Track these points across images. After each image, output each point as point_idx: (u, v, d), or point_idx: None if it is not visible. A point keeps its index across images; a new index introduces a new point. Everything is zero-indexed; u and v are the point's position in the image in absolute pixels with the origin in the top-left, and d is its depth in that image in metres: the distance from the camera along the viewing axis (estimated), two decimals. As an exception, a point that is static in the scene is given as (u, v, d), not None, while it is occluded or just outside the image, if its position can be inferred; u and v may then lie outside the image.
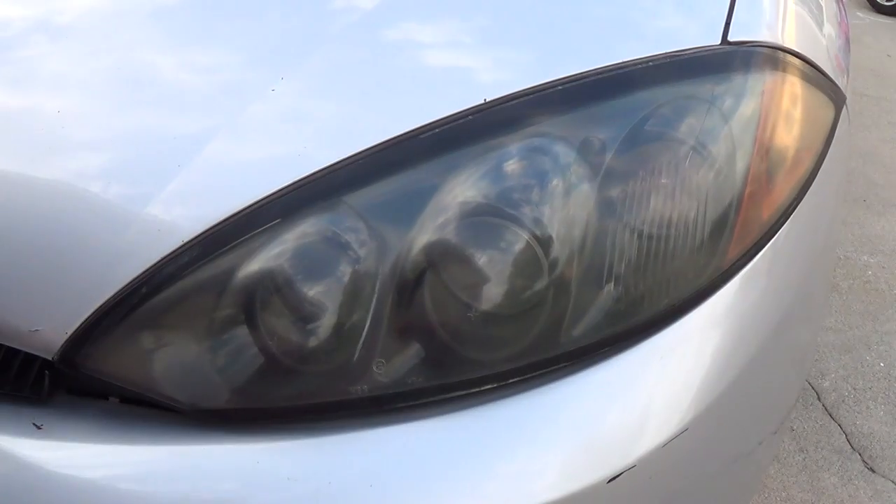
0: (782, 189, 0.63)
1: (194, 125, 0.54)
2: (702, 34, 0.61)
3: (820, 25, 0.83)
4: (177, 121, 0.55)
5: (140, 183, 0.52)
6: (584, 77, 0.56)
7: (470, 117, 0.53)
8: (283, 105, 0.54)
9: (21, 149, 0.54)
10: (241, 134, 0.53)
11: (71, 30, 0.61)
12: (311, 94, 0.56)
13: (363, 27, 0.60)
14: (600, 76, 0.56)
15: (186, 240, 0.50)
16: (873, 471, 1.46)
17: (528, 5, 0.63)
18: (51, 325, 0.51)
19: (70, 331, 0.50)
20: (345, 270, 0.51)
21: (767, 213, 0.61)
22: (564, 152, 0.54)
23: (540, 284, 0.52)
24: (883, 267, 2.15)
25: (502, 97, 0.54)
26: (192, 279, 0.50)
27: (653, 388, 0.53)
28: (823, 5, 0.91)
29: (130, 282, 0.49)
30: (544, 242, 0.52)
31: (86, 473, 0.50)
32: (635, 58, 0.57)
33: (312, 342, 0.51)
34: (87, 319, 0.50)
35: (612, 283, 0.53)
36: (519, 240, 0.52)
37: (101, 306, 0.50)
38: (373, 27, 0.60)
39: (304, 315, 0.51)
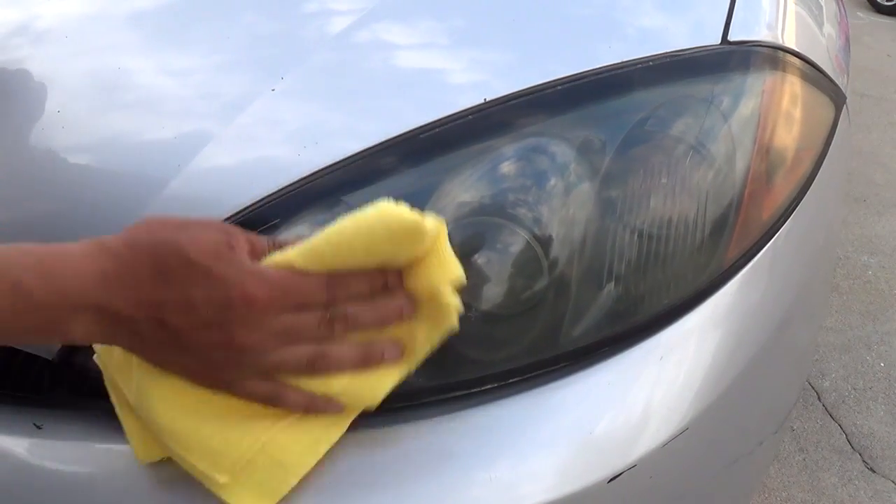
0: (782, 189, 0.63)
1: (193, 126, 0.54)
2: (701, 34, 0.61)
3: (820, 25, 0.83)
4: (176, 122, 0.55)
5: (140, 183, 0.52)
6: (584, 77, 0.56)
7: (469, 117, 0.53)
8: (283, 106, 0.54)
9: (17, 150, 0.54)
10: (240, 135, 0.53)
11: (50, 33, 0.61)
12: (310, 96, 0.56)
13: (362, 29, 0.60)
14: (600, 76, 0.56)
15: (186, 240, 0.50)
16: (873, 471, 1.46)
17: (531, 7, 0.63)
18: (51, 326, 0.51)
19: (70, 331, 0.50)
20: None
21: (767, 212, 0.61)
22: (564, 152, 0.54)
23: (540, 284, 0.52)
24: (883, 267, 2.15)
25: (502, 97, 0.54)
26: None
27: (653, 387, 0.53)
28: (823, 5, 0.91)
29: (130, 282, 0.49)
30: (544, 242, 0.52)
31: (85, 473, 0.50)
32: (635, 57, 0.57)
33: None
34: (87, 319, 0.50)
35: (612, 283, 0.53)
36: (519, 240, 0.52)
37: (101, 306, 0.50)
38: (371, 29, 0.60)
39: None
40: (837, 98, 0.77)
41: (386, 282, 0.45)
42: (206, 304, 0.39)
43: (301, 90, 0.56)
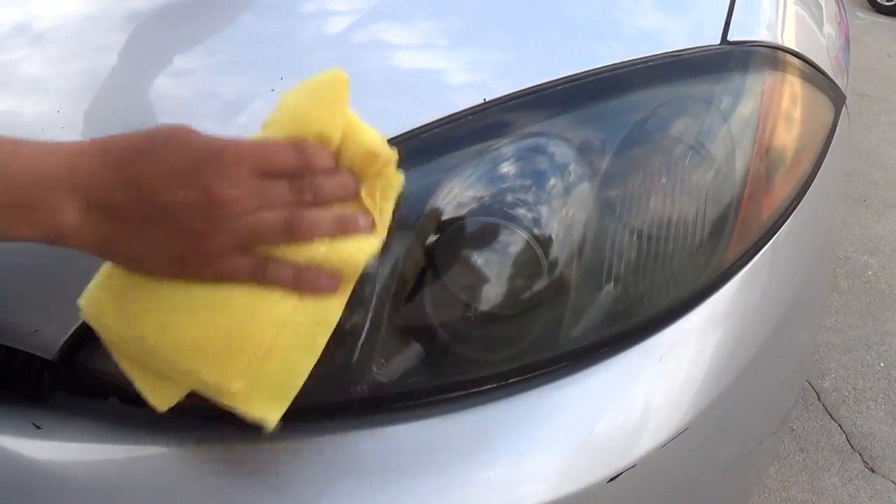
0: (782, 189, 0.63)
1: (192, 127, 0.54)
2: (701, 34, 0.61)
3: (820, 25, 0.83)
4: (175, 122, 0.55)
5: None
6: (584, 77, 0.56)
7: (469, 117, 0.53)
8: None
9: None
10: (240, 135, 0.53)
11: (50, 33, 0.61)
12: (310, 95, 0.56)
13: (361, 29, 0.60)
14: (600, 76, 0.56)
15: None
16: (873, 471, 1.46)
17: (531, 7, 0.63)
18: (51, 326, 0.51)
19: (70, 331, 0.50)
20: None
21: (767, 212, 0.61)
22: (564, 152, 0.54)
23: (540, 285, 0.52)
24: (883, 267, 2.15)
25: (502, 97, 0.54)
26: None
27: (652, 387, 0.53)
28: (823, 5, 0.91)
29: (130, 282, 0.49)
30: (544, 243, 0.52)
31: (85, 473, 0.50)
32: (634, 58, 0.57)
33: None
34: (86, 320, 0.50)
35: (612, 284, 0.53)
36: (518, 240, 0.52)
37: (100, 306, 0.50)
38: (370, 30, 0.60)
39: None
40: (837, 98, 0.77)
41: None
42: (182, 163, 0.41)
43: (301, 90, 0.56)
